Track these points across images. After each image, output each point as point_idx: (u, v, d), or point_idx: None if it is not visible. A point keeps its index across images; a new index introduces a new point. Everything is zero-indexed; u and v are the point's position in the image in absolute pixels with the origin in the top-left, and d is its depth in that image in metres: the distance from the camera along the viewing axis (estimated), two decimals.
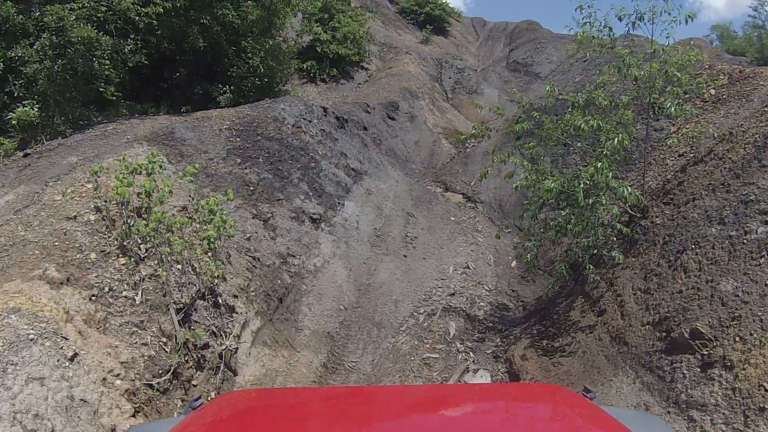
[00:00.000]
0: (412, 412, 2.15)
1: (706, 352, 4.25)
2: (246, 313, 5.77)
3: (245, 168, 7.67)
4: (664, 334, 4.71)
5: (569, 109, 6.59)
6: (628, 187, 5.30)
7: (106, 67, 9.26)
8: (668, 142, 7.47)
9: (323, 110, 10.63)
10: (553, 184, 5.37)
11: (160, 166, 5.44)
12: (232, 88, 11.68)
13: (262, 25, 12.31)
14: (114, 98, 9.95)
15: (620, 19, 5.78)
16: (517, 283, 8.63)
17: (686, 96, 7.12)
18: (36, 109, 8.81)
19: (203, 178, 7.06)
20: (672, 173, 6.66)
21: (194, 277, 5.20)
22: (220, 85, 11.56)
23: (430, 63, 23.03)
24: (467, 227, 9.84)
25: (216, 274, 5.30)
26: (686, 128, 8.30)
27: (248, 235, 6.64)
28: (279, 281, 6.60)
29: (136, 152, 7.20)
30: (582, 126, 5.47)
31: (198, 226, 5.79)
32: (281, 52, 13.37)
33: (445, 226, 9.67)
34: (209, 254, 5.44)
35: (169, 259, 5.06)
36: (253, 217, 7.01)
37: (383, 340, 6.74)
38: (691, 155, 7.24)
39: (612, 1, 6.44)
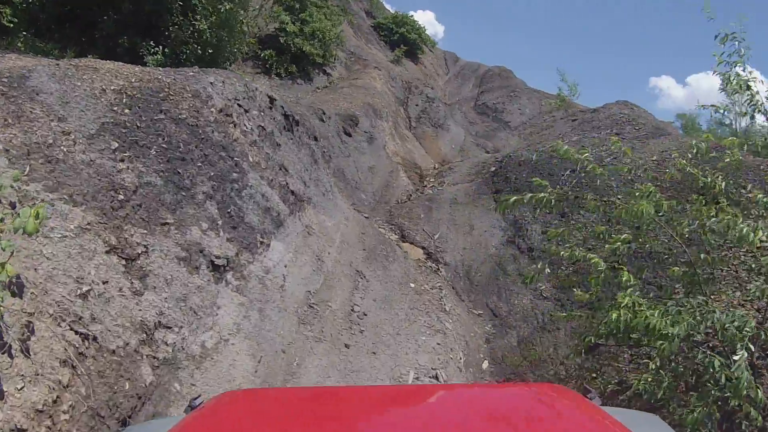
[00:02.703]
0: (412, 410, 2.11)
1: None
2: None
3: (121, 160, 4.64)
4: None
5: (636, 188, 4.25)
6: None
7: None
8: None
9: (269, 100, 7.74)
10: (678, 330, 2.91)
11: None
12: (166, 50, 8.69)
13: None
14: (11, 26, 7.04)
15: None
16: None
17: None
18: None
19: (41, 165, 3.99)
20: None
21: None
22: (152, 43, 8.53)
23: (398, 84, 20.76)
24: (431, 303, 7.23)
25: None
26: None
27: (87, 287, 3.61)
28: (129, 381, 3.60)
29: None
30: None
31: None
32: (238, 22, 10.55)
33: (404, 297, 7.01)
34: None
35: None
36: (108, 251, 3.99)
37: None
38: None
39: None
